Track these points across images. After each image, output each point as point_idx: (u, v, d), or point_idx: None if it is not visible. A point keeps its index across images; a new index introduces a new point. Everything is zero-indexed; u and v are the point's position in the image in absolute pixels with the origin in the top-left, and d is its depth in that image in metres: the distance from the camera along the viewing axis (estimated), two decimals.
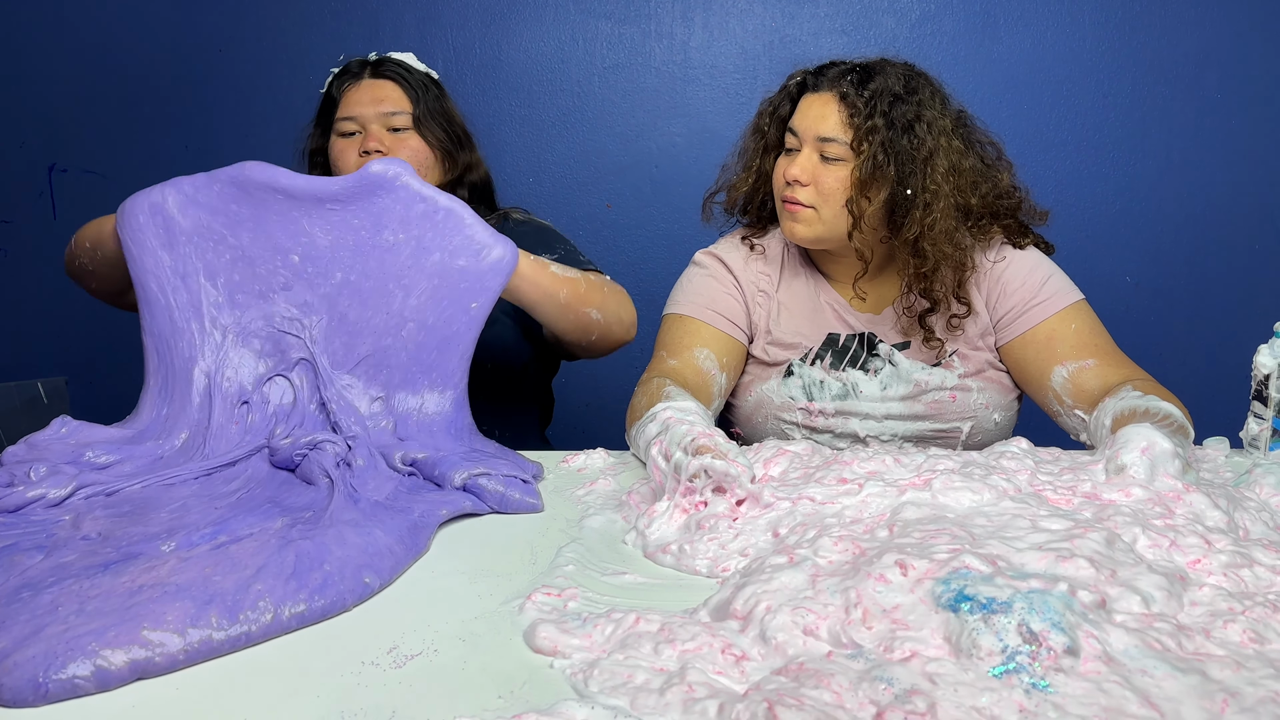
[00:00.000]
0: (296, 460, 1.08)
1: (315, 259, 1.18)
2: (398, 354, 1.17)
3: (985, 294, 1.35)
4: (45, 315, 2.52)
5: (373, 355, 1.17)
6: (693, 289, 1.40)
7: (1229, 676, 0.59)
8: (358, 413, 1.16)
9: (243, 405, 1.18)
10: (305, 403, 1.18)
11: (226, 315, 1.20)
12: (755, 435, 1.42)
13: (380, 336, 1.17)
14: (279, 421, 1.16)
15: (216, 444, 1.13)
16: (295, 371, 1.19)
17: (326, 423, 1.15)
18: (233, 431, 1.16)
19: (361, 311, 1.17)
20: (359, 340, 1.18)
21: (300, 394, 1.18)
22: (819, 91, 1.30)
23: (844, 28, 2.34)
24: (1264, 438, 1.16)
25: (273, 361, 1.19)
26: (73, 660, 0.64)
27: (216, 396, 1.16)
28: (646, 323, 2.45)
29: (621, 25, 2.37)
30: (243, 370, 1.19)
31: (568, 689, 0.64)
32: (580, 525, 0.98)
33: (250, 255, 1.18)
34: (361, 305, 1.17)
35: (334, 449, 1.06)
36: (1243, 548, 0.78)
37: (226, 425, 1.16)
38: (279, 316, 1.19)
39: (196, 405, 1.17)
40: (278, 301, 1.19)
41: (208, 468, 1.08)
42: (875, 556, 0.73)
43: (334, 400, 1.15)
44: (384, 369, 1.18)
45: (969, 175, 1.29)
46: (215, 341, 1.19)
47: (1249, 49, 2.27)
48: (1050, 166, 2.34)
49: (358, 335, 1.18)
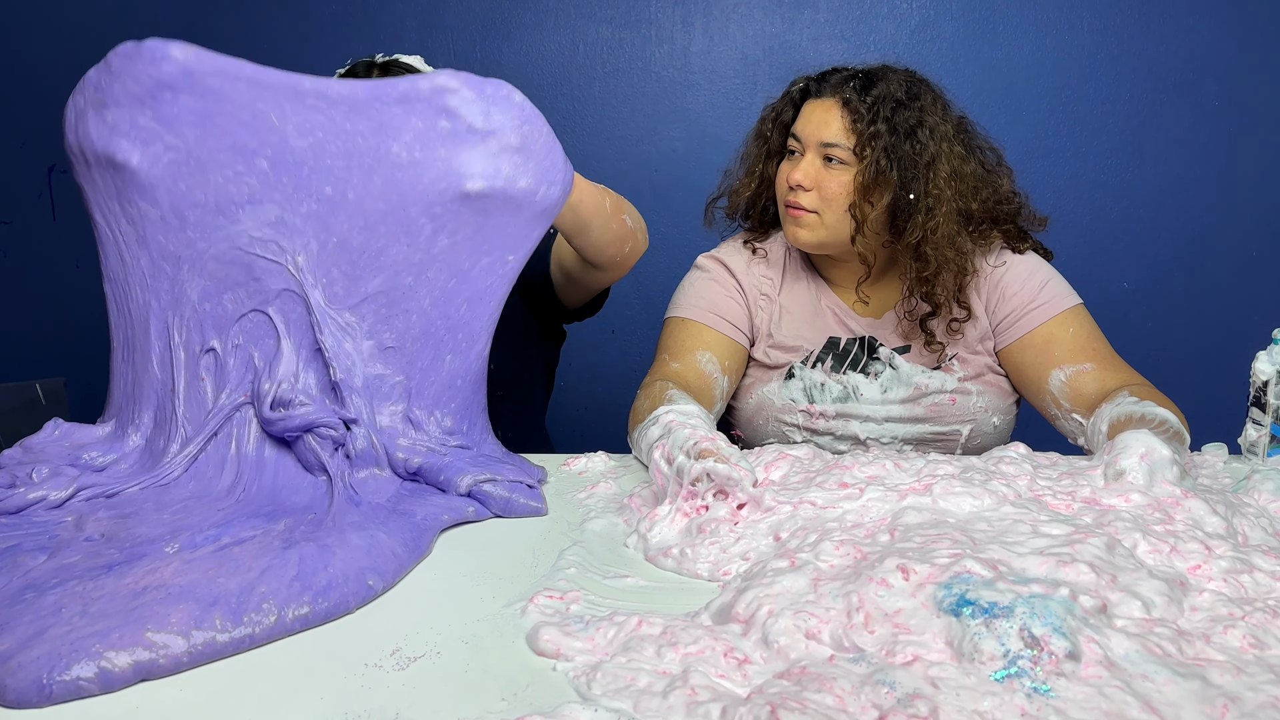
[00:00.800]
0: (290, 438, 1.00)
1: (291, 166, 0.97)
2: (418, 298, 1.00)
3: (984, 298, 1.36)
4: (44, 316, 2.52)
5: (385, 293, 1.00)
6: (695, 292, 1.41)
7: (1229, 682, 0.60)
8: (359, 365, 1.00)
9: (207, 353, 1.00)
10: (293, 349, 1.00)
11: (175, 238, 0.98)
12: (756, 437, 1.42)
13: (397, 272, 0.99)
14: (262, 374, 0.99)
15: (190, 410, 0.99)
16: (276, 305, 1.00)
17: (321, 376, 1.00)
18: (202, 390, 1.00)
19: (369, 238, 0.98)
20: (365, 272, 0.99)
21: (285, 336, 1.00)
22: (822, 97, 1.31)
23: (843, 33, 2.35)
24: (1262, 444, 1.17)
25: (244, 293, 1.00)
26: (77, 661, 0.64)
27: (176, 348, 1.00)
28: (647, 326, 2.47)
29: (622, 30, 2.38)
30: (204, 307, 0.99)
31: (570, 692, 0.64)
32: (582, 528, 0.98)
33: (198, 157, 0.97)
34: (368, 231, 0.98)
35: (331, 434, 0.99)
36: (1242, 553, 0.78)
37: (194, 383, 1.00)
38: (246, 237, 0.99)
39: (157, 363, 1.01)
40: (242, 219, 0.98)
41: (192, 453, 1.00)
42: (877, 561, 0.74)
43: (332, 348, 0.99)
44: (399, 313, 1.00)
45: (970, 180, 1.30)
46: (167, 275, 0.99)
47: (1247, 56, 2.28)
48: (1048, 172, 2.35)
49: (363, 266, 0.99)
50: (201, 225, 0.98)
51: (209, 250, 0.99)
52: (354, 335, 1.00)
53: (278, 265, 0.99)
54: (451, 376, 1.08)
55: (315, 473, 1.01)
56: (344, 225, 0.99)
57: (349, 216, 0.98)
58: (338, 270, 1.00)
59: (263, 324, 1.01)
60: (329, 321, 1.00)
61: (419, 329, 1.02)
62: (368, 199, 0.98)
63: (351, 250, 0.99)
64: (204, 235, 0.98)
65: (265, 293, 0.99)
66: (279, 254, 0.99)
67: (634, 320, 2.47)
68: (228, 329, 1.01)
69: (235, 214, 0.98)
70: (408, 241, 0.99)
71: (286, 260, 0.99)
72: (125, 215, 0.99)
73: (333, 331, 1.00)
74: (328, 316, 1.00)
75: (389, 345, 1.02)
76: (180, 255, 0.99)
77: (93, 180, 1.01)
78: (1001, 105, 2.32)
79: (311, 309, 0.99)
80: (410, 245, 0.99)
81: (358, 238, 0.99)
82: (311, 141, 0.97)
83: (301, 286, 0.98)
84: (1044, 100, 2.33)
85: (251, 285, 0.99)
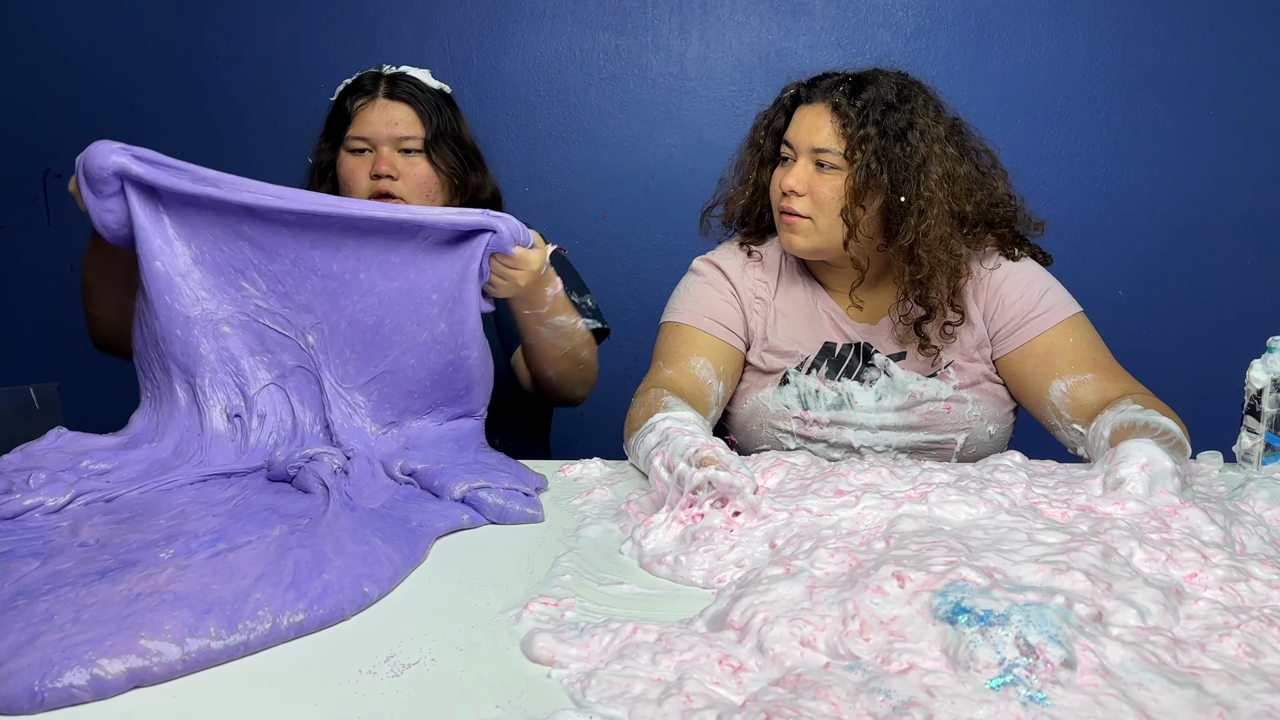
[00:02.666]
0: (292, 473, 1.05)
1: (293, 248, 1.04)
2: (417, 376, 1.07)
3: (983, 306, 1.35)
4: (38, 320, 2.51)
5: (390, 374, 1.05)
6: (690, 297, 1.41)
7: (1224, 690, 0.60)
8: (364, 435, 1.07)
9: (235, 419, 1.08)
10: (307, 424, 1.07)
11: (180, 297, 1.03)
12: (750, 443, 1.42)
13: (404, 353, 1.05)
14: (278, 443, 1.07)
15: (212, 454, 1.07)
16: (292, 383, 1.07)
17: (328, 441, 1.08)
18: (229, 447, 1.08)
19: (381, 319, 1.04)
20: (373, 354, 1.05)
21: (299, 412, 1.07)
22: (812, 103, 1.31)
23: (839, 41, 2.35)
24: (1257, 452, 1.17)
25: (259, 360, 1.05)
26: (69, 669, 0.64)
27: (205, 403, 1.07)
28: (642, 332, 2.46)
29: (618, 37, 2.38)
30: (222, 368, 1.05)
31: (565, 699, 0.64)
32: (577, 535, 0.98)
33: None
34: (381, 312, 1.04)
35: (331, 460, 1.03)
36: (1239, 562, 0.78)
37: (223, 440, 1.07)
38: (253, 305, 1.05)
39: (184, 410, 1.07)
40: (246, 287, 1.04)
41: (205, 474, 1.05)
42: (872, 568, 0.74)
43: (339, 423, 1.05)
44: (400, 392, 1.07)
45: (963, 182, 1.30)
46: (178, 337, 1.05)
47: (1241, 64, 2.29)
48: (1043, 180, 2.35)
49: (373, 348, 1.05)
50: (213, 289, 1.03)
51: (218, 313, 1.03)
52: (360, 413, 1.06)
53: (290, 342, 1.04)
54: (454, 432, 1.13)
55: (313, 489, 1.02)
56: (355, 305, 1.03)
57: (361, 296, 1.03)
58: (349, 352, 1.05)
59: (279, 398, 1.07)
60: (339, 401, 1.05)
61: (418, 405, 1.08)
62: (380, 280, 1.03)
63: (363, 332, 1.04)
64: (211, 295, 1.03)
65: (281, 367, 1.04)
66: (290, 330, 1.03)
67: (629, 325, 2.47)
68: (252, 398, 1.06)
69: (236, 279, 1.03)
70: (416, 320, 1.04)
71: (298, 339, 1.04)
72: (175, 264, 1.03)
73: (341, 410, 1.05)
74: (338, 396, 1.05)
75: (390, 421, 1.08)
76: (190, 315, 1.03)
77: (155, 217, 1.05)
78: (996, 113, 2.33)
79: (323, 390, 1.04)
80: (418, 323, 1.05)
81: (371, 318, 1.03)
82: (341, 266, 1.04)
83: (315, 367, 1.03)
84: (1039, 108, 2.34)
85: (265, 355, 1.04)
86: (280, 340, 1.06)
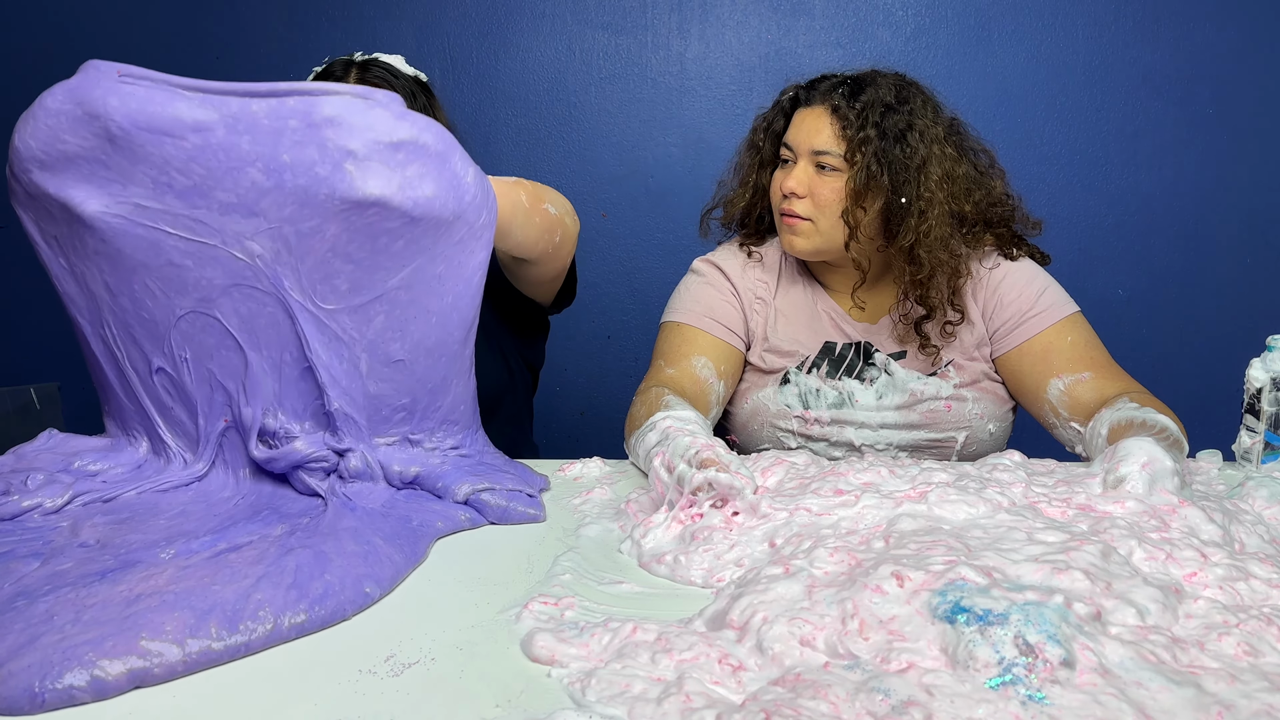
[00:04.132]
0: (279, 471, 1.00)
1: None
2: (425, 309, 0.95)
3: (982, 305, 1.36)
4: (38, 321, 2.52)
5: (390, 297, 0.93)
6: (690, 297, 1.41)
7: (1224, 689, 0.60)
8: (359, 385, 0.94)
9: (157, 374, 0.94)
10: (264, 366, 0.91)
11: (76, 221, 0.89)
12: (751, 442, 1.42)
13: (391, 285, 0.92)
14: (238, 400, 0.93)
15: (177, 437, 0.98)
16: (224, 305, 0.89)
17: (309, 398, 0.95)
18: (176, 417, 0.97)
19: (342, 239, 0.90)
20: (366, 272, 0.91)
21: (249, 348, 0.91)
22: (811, 105, 1.31)
23: (839, 40, 2.35)
24: (1256, 451, 1.17)
25: (169, 288, 0.90)
26: (69, 670, 0.64)
27: (126, 369, 0.96)
28: (642, 331, 2.47)
29: (618, 36, 2.38)
30: (127, 310, 0.92)
31: (565, 698, 0.64)
32: (577, 534, 0.98)
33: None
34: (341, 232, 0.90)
35: (322, 466, 0.99)
36: (1238, 561, 0.78)
37: (165, 410, 0.97)
38: (168, 216, 0.88)
39: (119, 388, 0.98)
40: (168, 198, 0.88)
41: (199, 471, 1.02)
42: (871, 568, 0.74)
43: (326, 367, 0.92)
44: (410, 319, 0.95)
45: (962, 182, 1.30)
46: (73, 276, 0.93)
47: (1241, 64, 2.29)
48: (1043, 179, 2.35)
49: (367, 266, 0.91)
50: (107, 196, 0.86)
51: (117, 225, 0.86)
52: (351, 347, 0.92)
53: (218, 251, 0.87)
54: (456, 402, 1.05)
55: (308, 494, 1.01)
56: (304, 217, 0.88)
57: (300, 209, 0.88)
58: (339, 259, 0.88)
59: (210, 330, 0.91)
60: (321, 331, 0.91)
61: (433, 341, 0.96)
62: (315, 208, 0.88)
63: (336, 244, 0.89)
64: (113, 207, 0.87)
65: (203, 287, 0.87)
66: (211, 235, 0.86)
67: (629, 325, 2.47)
68: (164, 338, 0.91)
69: (160, 190, 0.85)
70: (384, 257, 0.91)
71: (230, 245, 0.86)
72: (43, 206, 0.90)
73: (324, 345, 0.91)
74: (319, 324, 0.91)
75: (398, 359, 0.94)
76: (86, 244, 0.88)
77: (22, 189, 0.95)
78: (996, 112, 2.33)
79: (295, 316, 0.89)
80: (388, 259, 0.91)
81: (330, 231, 0.88)
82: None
83: (273, 285, 0.87)
84: (1039, 107, 2.34)
85: (174, 276, 0.86)
86: (201, 252, 0.86)
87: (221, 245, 0.88)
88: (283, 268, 0.90)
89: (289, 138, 0.87)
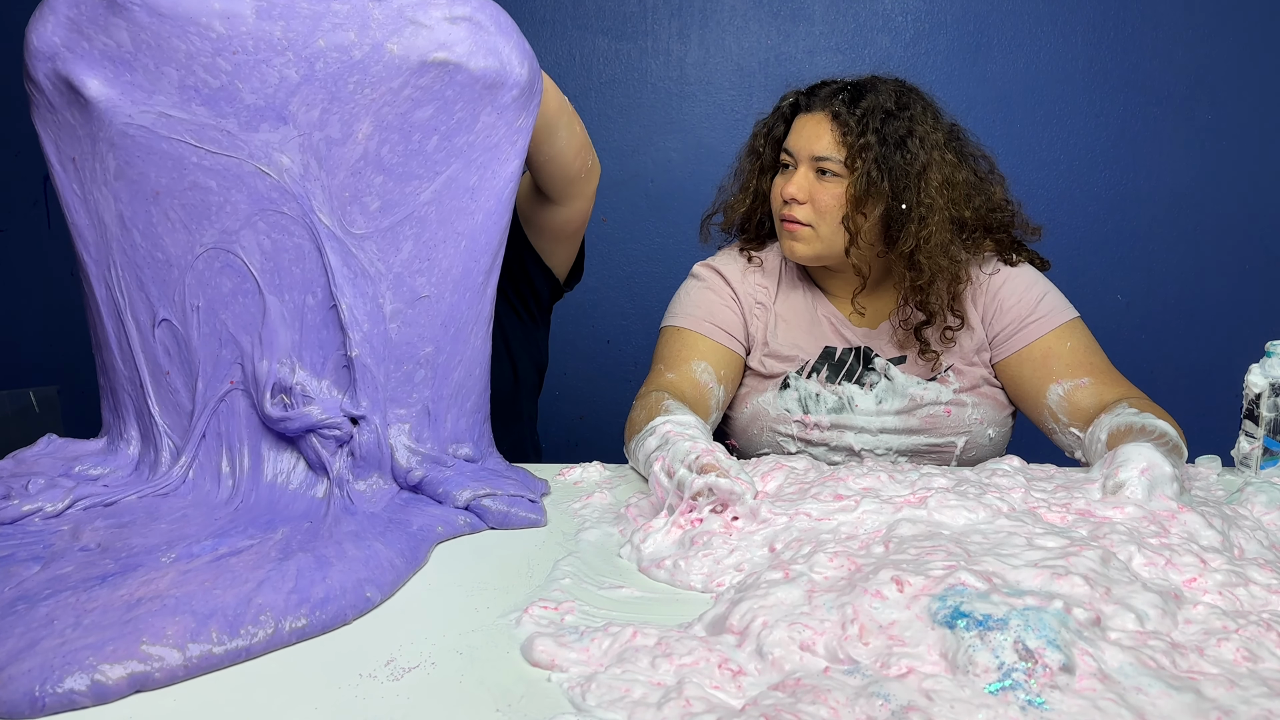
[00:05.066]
0: (291, 434, 0.95)
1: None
2: (447, 244, 0.90)
3: (981, 310, 1.36)
4: (38, 324, 2.52)
5: (417, 219, 0.87)
6: (690, 301, 1.41)
7: (1223, 694, 0.60)
8: (381, 328, 0.87)
9: (160, 326, 0.84)
10: (283, 311, 0.83)
11: (97, 132, 0.80)
12: (751, 447, 1.42)
13: (418, 197, 0.87)
14: (253, 353, 0.84)
15: (166, 413, 0.90)
16: (245, 238, 0.79)
17: (329, 348, 0.87)
18: (170, 385, 0.88)
19: (373, 148, 0.84)
20: (393, 190, 0.84)
21: (266, 291, 0.82)
22: (811, 112, 1.32)
23: (839, 46, 2.36)
24: (1255, 456, 1.17)
25: (191, 219, 0.80)
26: (70, 674, 0.64)
27: (128, 323, 0.87)
28: (642, 335, 2.47)
29: (619, 41, 2.39)
30: (138, 247, 0.82)
31: (565, 703, 0.64)
32: (576, 539, 0.98)
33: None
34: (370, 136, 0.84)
35: (335, 433, 0.95)
36: (1238, 566, 0.78)
37: (158, 376, 0.88)
38: (184, 126, 0.80)
39: (117, 352, 0.90)
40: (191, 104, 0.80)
41: (183, 466, 0.98)
42: (871, 573, 0.74)
43: (350, 306, 0.84)
44: (436, 246, 0.89)
45: (962, 188, 1.31)
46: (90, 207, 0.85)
47: (1240, 70, 2.30)
48: (1042, 185, 2.36)
49: (396, 179, 0.84)
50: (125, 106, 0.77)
51: (141, 141, 0.77)
52: (376, 283, 0.83)
53: (244, 169, 0.76)
54: (472, 363, 1.00)
55: (316, 471, 0.98)
56: (335, 123, 0.81)
57: (345, 111, 0.81)
58: (371, 169, 0.80)
59: (228, 272, 0.81)
60: (347, 263, 0.81)
61: (460, 270, 0.89)
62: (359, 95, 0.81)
63: (368, 150, 0.81)
64: (134, 115, 0.77)
65: (226, 216, 0.76)
66: (238, 149, 0.76)
67: (629, 330, 2.48)
68: (177, 283, 0.81)
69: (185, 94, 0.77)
70: (417, 157, 0.85)
71: (258, 158, 0.77)
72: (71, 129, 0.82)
73: (350, 280, 0.82)
74: (345, 254, 0.81)
75: (423, 294, 0.86)
76: (107, 165, 0.79)
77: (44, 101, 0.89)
78: (995, 118, 2.34)
79: (322, 245, 0.79)
80: (420, 161, 0.85)
81: (359, 143, 0.80)
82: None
83: (300, 207, 0.76)
84: (1038, 113, 2.35)
85: (196, 202, 0.76)
86: (227, 170, 0.75)
87: (248, 159, 0.81)
88: (312, 184, 0.83)
89: (329, 21, 0.83)
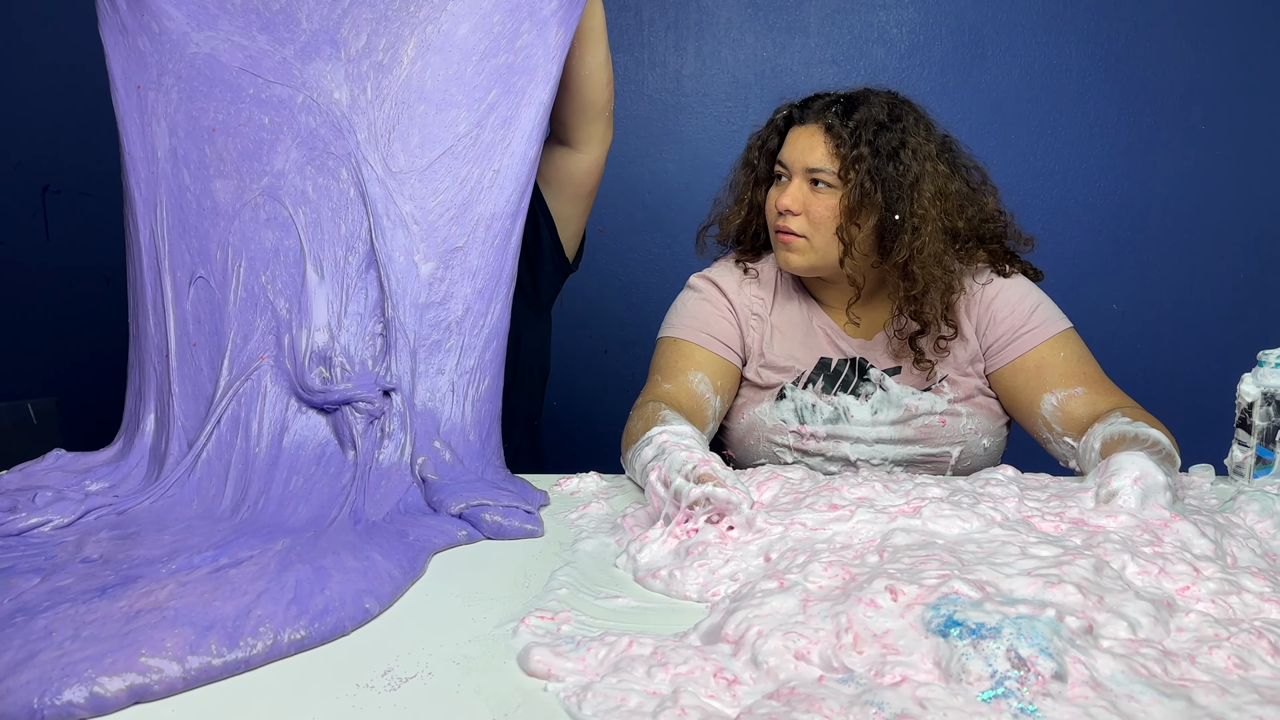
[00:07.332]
0: (329, 409, 0.95)
1: None
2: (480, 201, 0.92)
3: (975, 321, 1.37)
4: (36, 336, 2.52)
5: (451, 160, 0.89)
6: (687, 312, 1.42)
7: (1214, 702, 0.60)
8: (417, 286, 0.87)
9: (195, 283, 0.81)
10: (321, 279, 0.80)
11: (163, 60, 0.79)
12: (747, 457, 1.43)
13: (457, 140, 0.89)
14: (293, 321, 0.80)
15: (184, 399, 0.87)
16: (291, 186, 0.76)
17: (365, 313, 0.88)
18: (195, 362, 0.83)
19: (415, 76, 0.87)
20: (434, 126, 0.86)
21: (307, 255, 0.79)
22: (805, 124, 1.33)
23: (834, 58, 2.37)
24: (1248, 465, 1.18)
25: (242, 159, 0.77)
26: (68, 686, 0.64)
27: (164, 277, 0.84)
28: (639, 346, 2.47)
29: (615, 53, 2.39)
30: (188, 189, 0.78)
31: (561, 712, 0.64)
32: (573, 549, 0.99)
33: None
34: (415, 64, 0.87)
35: (368, 408, 0.94)
36: (1231, 575, 0.79)
37: (185, 351, 0.84)
38: (240, 52, 0.82)
39: (152, 316, 0.86)
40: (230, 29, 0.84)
41: (190, 463, 0.98)
42: (865, 582, 0.74)
43: (386, 260, 0.82)
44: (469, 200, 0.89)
45: (955, 199, 1.32)
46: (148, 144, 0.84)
47: (1234, 80, 2.31)
48: (1037, 195, 2.37)
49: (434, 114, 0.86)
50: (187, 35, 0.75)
51: (205, 70, 0.74)
52: (411, 235, 0.80)
53: (296, 108, 0.72)
54: (495, 330, 1.00)
55: (345, 447, 0.96)
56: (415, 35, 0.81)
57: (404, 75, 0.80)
58: (416, 98, 0.78)
59: (273, 224, 0.77)
60: (388, 211, 0.77)
61: (490, 211, 0.88)
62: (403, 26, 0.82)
63: (411, 76, 0.80)
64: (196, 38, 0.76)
65: (278, 158, 0.72)
66: (294, 81, 0.72)
67: (626, 340, 2.48)
68: (221, 234, 0.76)
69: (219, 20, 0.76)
70: (463, 91, 0.84)
71: (313, 92, 0.73)
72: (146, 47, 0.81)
73: (389, 232, 0.78)
74: (387, 199, 0.78)
75: (457, 246, 0.84)
76: (170, 95, 0.77)
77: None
78: (990, 128, 2.35)
79: (365, 187, 0.75)
80: (466, 95, 0.84)
81: (403, 73, 0.79)
82: None
83: (346, 145, 0.72)
84: (1032, 123, 2.36)
85: (249, 139, 0.73)
86: (278, 96, 0.73)
87: (302, 88, 0.81)
88: (359, 118, 0.82)
89: None
